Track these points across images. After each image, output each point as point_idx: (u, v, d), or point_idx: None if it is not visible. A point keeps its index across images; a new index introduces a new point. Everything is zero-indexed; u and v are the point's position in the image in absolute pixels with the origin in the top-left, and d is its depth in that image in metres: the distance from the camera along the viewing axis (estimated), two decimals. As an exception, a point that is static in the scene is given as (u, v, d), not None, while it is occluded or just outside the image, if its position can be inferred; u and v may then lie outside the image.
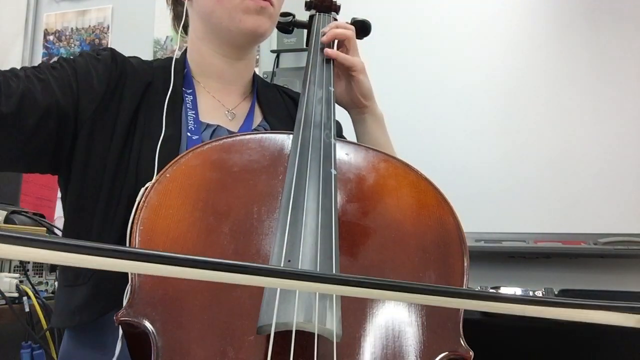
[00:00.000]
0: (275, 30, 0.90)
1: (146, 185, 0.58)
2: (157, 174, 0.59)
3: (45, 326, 1.16)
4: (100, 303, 0.69)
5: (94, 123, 0.73)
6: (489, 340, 1.24)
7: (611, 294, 1.37)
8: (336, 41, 0.89)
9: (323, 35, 0.88)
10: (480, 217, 1.65)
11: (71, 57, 0.77)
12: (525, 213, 1.70)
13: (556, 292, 1.37)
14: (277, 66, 2.11)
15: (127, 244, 0.52)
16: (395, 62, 1.87)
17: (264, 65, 2.14)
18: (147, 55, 1.61)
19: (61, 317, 0.74)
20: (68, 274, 0.75)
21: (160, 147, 0.71)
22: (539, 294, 1.38)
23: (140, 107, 0.76)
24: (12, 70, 0.70)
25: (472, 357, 0.50)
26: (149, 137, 0.73)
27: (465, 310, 0.52)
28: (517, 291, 1.40)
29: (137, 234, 0.52)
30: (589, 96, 1.72)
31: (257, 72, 0.95)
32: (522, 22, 1.83)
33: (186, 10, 0.86)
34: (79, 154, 0.73)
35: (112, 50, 0.81)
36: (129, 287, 0.50)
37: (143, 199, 0.55)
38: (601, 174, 1.66)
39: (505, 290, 1.40)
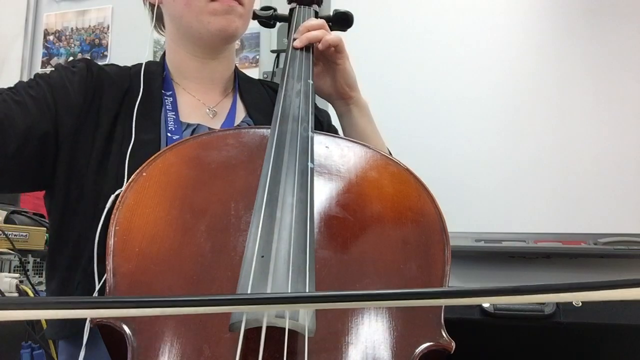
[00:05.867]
0: (275, 30, 0.89)
1: (116, 193, 0.58)
2: (127, 180, 0.59)
3: (45, 326, 1.15)
4: None
5: (75, 135, 0.73)
6: (489, 340, 1.23)
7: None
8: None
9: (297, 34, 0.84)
10: (481, 217, 1.65)
11: (46, 73, 0.77)
12: (525, 213, 1.70)
13: (556, 292, 1.36)
14: (277, 66, 2.10)
15: (105, 246, 0.51)
16: (396, 61, 1.86)
17: (264, 65, 2.13)
18: (147, 55, 1.60)
19: (54, 327, 0.74)
20: (53, 283, 0.74)
21: (140, 151, 0.70)
22: (539, 294, 1.37)
23: (119, 114, 0.77)
24: None
25: (454, 347, 0.49)
26: (128, 142, 0.73)
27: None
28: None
29: (113, 234, 0.51)
30: (588, 96, 1.72)
31: (257, 72, 0.95)
32: (520, 21, 1.83)
33: (160, 11, 0.87)
34: (61, 167, 0.73)
35: (87, 61, 0.81)
36: (105, 289, 0.49)
37: (119, 199, 0.55)
38: (601, 174, 1.66)
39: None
